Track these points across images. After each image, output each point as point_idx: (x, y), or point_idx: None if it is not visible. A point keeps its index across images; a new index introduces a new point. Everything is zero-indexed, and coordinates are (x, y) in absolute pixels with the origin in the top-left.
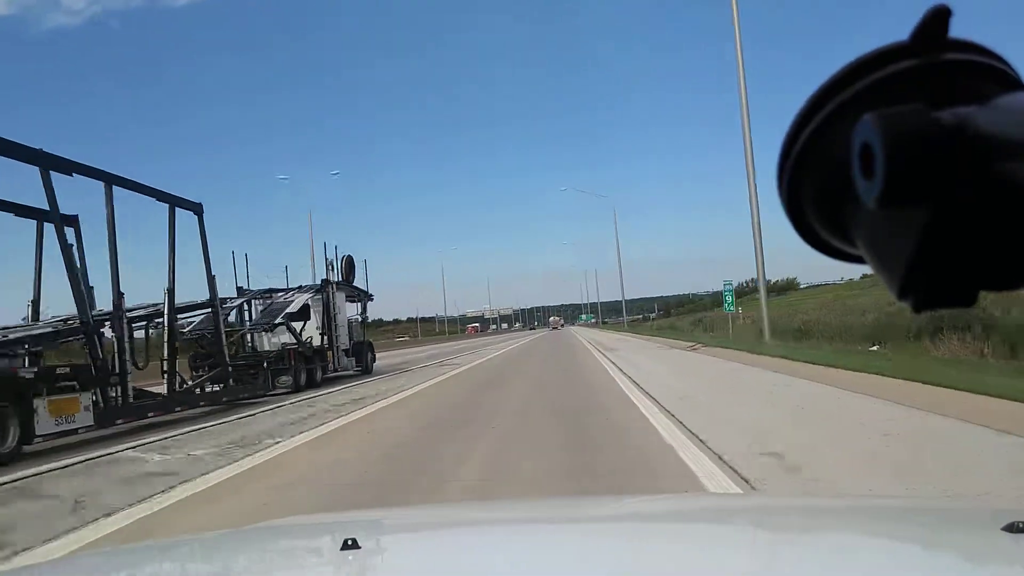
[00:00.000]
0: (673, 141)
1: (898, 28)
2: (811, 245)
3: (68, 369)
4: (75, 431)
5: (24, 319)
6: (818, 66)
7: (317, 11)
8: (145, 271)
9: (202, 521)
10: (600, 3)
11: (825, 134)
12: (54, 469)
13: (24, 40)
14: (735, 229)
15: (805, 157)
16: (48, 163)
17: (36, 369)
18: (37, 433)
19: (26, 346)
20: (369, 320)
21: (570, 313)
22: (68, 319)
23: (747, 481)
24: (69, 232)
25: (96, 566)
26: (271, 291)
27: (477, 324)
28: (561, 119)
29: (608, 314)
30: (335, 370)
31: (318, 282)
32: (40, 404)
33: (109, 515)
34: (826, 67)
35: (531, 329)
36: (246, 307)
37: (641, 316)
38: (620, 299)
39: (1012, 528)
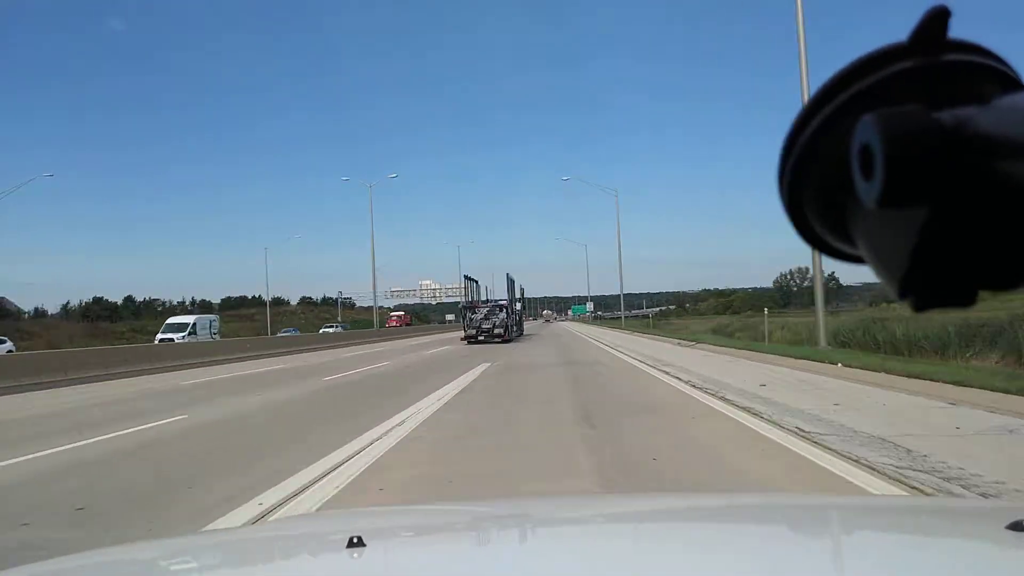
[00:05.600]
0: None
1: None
2: (811, 245)
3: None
4: (516, 336)
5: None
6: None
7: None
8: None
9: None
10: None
11: (825, 135)
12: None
13: None
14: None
15: (805, 157)
16: (512, 284)
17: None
18: (516, 333)
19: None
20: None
21: (555, 307)
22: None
23: None
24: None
25: (100, 566)
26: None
27: (401, 312)
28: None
29: (600, 309)
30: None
31: (517, 295)
32: (518, 325)
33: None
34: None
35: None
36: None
37: (651, 313)
38: (616, 294)
39: (1016, 526)
